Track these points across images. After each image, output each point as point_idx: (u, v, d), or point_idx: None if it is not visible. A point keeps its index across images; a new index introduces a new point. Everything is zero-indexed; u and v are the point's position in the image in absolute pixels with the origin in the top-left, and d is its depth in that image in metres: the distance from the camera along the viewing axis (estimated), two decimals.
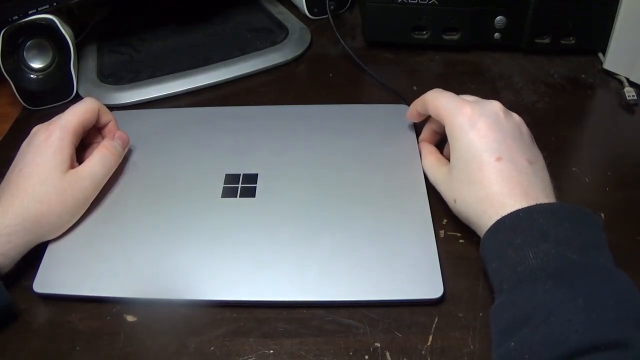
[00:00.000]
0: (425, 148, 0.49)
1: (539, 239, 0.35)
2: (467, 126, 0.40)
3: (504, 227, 0.37)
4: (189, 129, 0.55)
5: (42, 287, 0.41)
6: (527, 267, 0.34)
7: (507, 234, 0.36)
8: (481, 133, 0.40)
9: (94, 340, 0.39)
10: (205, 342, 0.38)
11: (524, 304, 0.33)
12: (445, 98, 0.43)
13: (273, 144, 0.52)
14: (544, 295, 0.33)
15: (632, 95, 0.56)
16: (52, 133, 0.44)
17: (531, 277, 0.34)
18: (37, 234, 0.42)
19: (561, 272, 0.33)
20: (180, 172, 0.50)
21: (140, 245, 0.43)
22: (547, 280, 0.33)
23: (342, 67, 0.65)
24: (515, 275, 0.35)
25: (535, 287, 0.33)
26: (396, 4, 0.62)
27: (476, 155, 0.40)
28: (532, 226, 0.36)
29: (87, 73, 0.64)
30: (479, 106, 0.41)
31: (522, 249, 0.35)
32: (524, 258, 0.35)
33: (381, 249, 0.42)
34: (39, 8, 0.57)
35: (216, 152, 0.52)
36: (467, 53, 0.66)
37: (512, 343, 0.32)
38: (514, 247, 0.35)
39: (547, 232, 0.35)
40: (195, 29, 0.71)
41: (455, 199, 0.42)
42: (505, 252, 0.36)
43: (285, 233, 0.44)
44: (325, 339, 0.38)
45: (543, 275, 0.33)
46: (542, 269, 0.34)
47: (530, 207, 0.37)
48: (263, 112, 0.57)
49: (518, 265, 0.35)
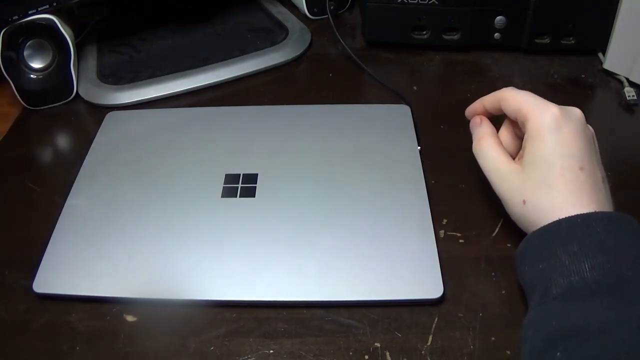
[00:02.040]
0: (485, 126, 0.44)
1: (596, 250, 0.34)
2: (553, 127, 0.39)
3: (559, 230, 0.36)
4: (189, 129, 0.55)
5: (42, 287, 0.41)
6: (582, 279, 0.33)
7: (562, 239, 0.35)
8: (567, 138, 0.38)
9: (94, 340, 0.39)
10: (205, 342, 0.38)
11: (575, 315, 0.33)
12: (529, 95, 0.41)
13: (273, 144, 0.52)
14: (599, 311, 0.32)
15: (632, 95, 0.56)
16: None
17: (586, 290, 0.33)
18: None
19: (617, 289, 0.33)
20: (180, 172, 0.50)
21: (140, 245, 0.43)
22: (603, 296, 0.33)
23: (342, 67, 0.65)
24: (569, 285, 0.34)
25: (590, 301, 0.33)
26: (396, 4, 0.62)
27: (560, 158, 0.38)
28: (589, 235, 0.35)
29: (87, 73, 0.64)
30: (565, 110, 0.40)
31: (578, 258, 0.34)
32: (579, 269, 0.34)
33: (381, 248, 0.42)
34: (39, 8, 0.57)
35: (216, 152, 0.52)
36: (467, 53, 0.66)
37: (558, 353, 0.32)
38: (569, 255, 0.35)
39: (604, 243, 0.34)
40: (195, 29, 0.71)
41: (526, 200, 0.39)
42: (558, 257, 0.35)
43: (285, 233, 0.44)
44: (325, 339, 0.38)
45: (598, 291, 0.33)
46: (598, 283, 0.33)
47: (588, 214, 0.36)
48: (263, 112, 0.57)
49: (572, 274, 0.34)
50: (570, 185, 0.37)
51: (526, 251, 0.38)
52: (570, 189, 0.37)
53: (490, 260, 0.43)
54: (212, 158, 0.51)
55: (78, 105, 0.62)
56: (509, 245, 0.44)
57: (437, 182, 0.48)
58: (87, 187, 0.49)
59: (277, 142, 0.52)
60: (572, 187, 0.37)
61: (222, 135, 0.54)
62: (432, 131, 0.55)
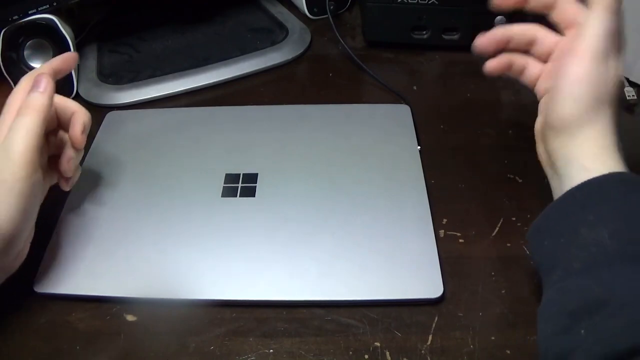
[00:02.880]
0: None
1: (614, 217, 0.33)
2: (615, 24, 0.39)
3: (574, 201, 0.35)
4: (189, 129, 0.55)
5: (43, 287, 0.41)
6: (602, 248, 0.32)
7: (578, 210, 0.34)
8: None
9: (94, 340, 0.39)
10: (205, 342, 0.38)
11: (598, 289, 0.31)
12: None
13: (273, 143, 0.52)
14: (622, 281, 0.31)
15: (632, 95, 0.56)
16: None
17: (607, 259, 0.32)
18: None
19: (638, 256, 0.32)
20: (180, 172, 0.50)
21: (140, 245, 0.43)
22: (624, 264, 0.31)
23: (342, 67, 0.65)
24: (589, 256, 0.32)
25: (612, 271, 0.31)
26: (396, 4, 0.62)
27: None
28: (605, 201, 0.34)
29: (87, 73, 0.64)
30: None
31: (596, 227, 0.33)
32: (599, 238, 0.32)
33: (381, 248, 0.42)
34: (39, 8, 0.57)
35: (216, 152, 0.52)
36: (467, 53, 0.66)
37: (582, 330, 0.31)
38: (587, 226, 0.33)
39: (620, 209, 0.33)
40: (195, 29, 0.71)
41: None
42: (577, 230, 0.34)
43: (285, 233, 0.44)
44: (325, 339, 0.38)
45: (619, 258, 0.32)
46: (617, 250, 0.32)
47: (601, 178, 0.34)
48: (263, 112, 0.57)
49: (592, 245, 0.33)
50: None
51: (543, 226, 0.36)
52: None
53: (490, 259, 0.43)
54: (212, 158, 0.51)
55: None
56: (508, 245, 0.44)
57: (437, 182, 0.48)
58: (88, 187, 0.48)
59: (277, 141, 0.52)
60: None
61: (222, 135, 0.54)
62: (432, 131, 0.55)
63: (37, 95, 0.39)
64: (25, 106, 0.39)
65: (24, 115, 0.38)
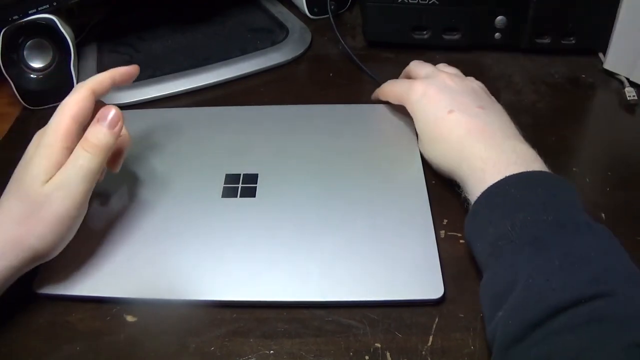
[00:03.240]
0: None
1: (515, 210, 0.36)
2: (419, 97, 0.46)
3: (480, 207, 0.38)
4: (189, 129, 0.55)
5: (42, 287, 0.41)
6: (507, 240, 0.35)
7: (485, 213, 0.38)
8: (432, 98, 0.45)
9: (94, 340, 0.39)
10: (205, 342, 0.38)
11: (507, 274, 0.34)
12: (397, 84, 0.50)
13: (273, 144, 0.52)
14: (524, 262, 0.33)
15: (633, 95, 0.56)
16: (41, 140, 0.39)
17: (512, 248, 0.35)
18: (20, 259, 0.37)
19: (539, 237, 0.34)
20: (181, 172, 0.50)
21: (140, 245, 0.43)
22: (525, 247, 0.34)
23: (343, 67, 0.65)
24: (498, 250, 0.35)
25: (516, 256, 0.34)
26: (396, 4, 0.62)
27: (430, 114, 0.45)
28: (506, 199, 0.37)
29: (87, 73, 0.63)
30: (428, 79, 0.47)
31: (500, 223, 0.36)
32: (503, 232, 0.35)
33: (381, 249, 0.42)
34: (39, 8, 0.57)
35: (216, 152, 0.51)
36: (467, 53, 0.66)
37: (500, 312, 0.33)
38: (493, 224, 0.36)
39: (521, 202, 0.36)
40: (195, 29, 0.71)
41: (429, 158, 0.47)
42: (486, 230, 0.37)
43: (285, 233, 0.44)
44: (325, 339, 0.38)
45: (522, 244, 0.34)
46: (521, 237, 0.34)
47: (501, 181, 0.38)
48: (263, 112, 0.57)
49: (499, 240, 0.36)
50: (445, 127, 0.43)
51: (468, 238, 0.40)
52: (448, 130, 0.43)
53: None
54: (213, 158, 0.51)
55: None
56: None
57: (437, 182, 0.48)
58: None
59: (277, 142, 0.52)
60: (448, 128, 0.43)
61: (223, 135, 0.54)
62: None
63: (106, 133, 0.39)
64: (91, 143, 0.38)
65: (87, 152, 0.38)
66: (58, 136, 0.38)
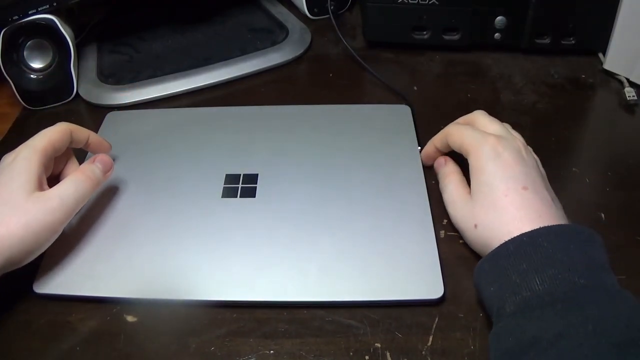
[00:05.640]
0: (450, 165, 0.47)
1: (545, 265, 0.35)
2: (492, 155, 0.41)
3: (507, 252, 0.37)
4: (189, 129, 0.55)
5: (42, 287, 0.41)
6: (534, 292, 0.34)
7: (511, 260, 0.36)
8: (507, 162, 0.40)
9: (94, 340, 0.39)
10: (205, 342, 0.38)
11: (531, 327, 0.33)
12: (469, 130, 0.44)
13: (273, 144, 0.52)
14: (554, 318, 0.32)
15: (632, 95, 0.56)
16: (18, 154, 0.41)
17: (539, 301, 0.33)
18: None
19: (570, 297, 0.33)
20: (181, 172, 0.50)
21: (140, 245, 0.43)
22: (556, 304, 0.33)
23: (343, 67, 0.65)
24: (521, 300, 0.34)
25: (544, 311, 0.33)
26: (397, 4, 0.62)
27: (502, 181, 0.40)
28: (536, 251, 0.35)
29: (87, 73, 0.64)
30: (503, 139, 0.42)
31: (528, 274, 0.35)
32: (530, 283, 0.34)
33: (381, 249, 0.42)
34: (39, 8, 0.57)
35: (216, 152, 0.51)
36: (467, 53, 0.66)
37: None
38: (519, 273, 0.35)
39: (552, 257, 0.35)
40: (195, 29, 0.71)
41: (477, 224, 0.41)
42: (508, 277, 0.35)
43: (285, 233, 0.44)
44: (325, 340, 0.38)
45: (551, 300, 0.33)
46: (550, 293, 0.33)
47: (533, 232, 0.36)
48: (263, 112, 0.57)
49: (523, 290, 0.34)
50: (515, 203, 0.39)
51: (480, 276, 0.38)
52: (516, 206, 0.39)
53: None
54: (213, 158, 0.51)
55: (78, 105, 0.62)
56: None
57: (437, 182, 0.48)
58: None
59: (277, 142, 0.52)
60: (517, 205, 0.39)
61: (223, 136, 0.54)
62: (433, 131, 0.54)
63: (99, 173, 0.44)
64: (87, 173, 0.43)
65: (82, 177, 0.42)
66: (35, 152, 0.41)
